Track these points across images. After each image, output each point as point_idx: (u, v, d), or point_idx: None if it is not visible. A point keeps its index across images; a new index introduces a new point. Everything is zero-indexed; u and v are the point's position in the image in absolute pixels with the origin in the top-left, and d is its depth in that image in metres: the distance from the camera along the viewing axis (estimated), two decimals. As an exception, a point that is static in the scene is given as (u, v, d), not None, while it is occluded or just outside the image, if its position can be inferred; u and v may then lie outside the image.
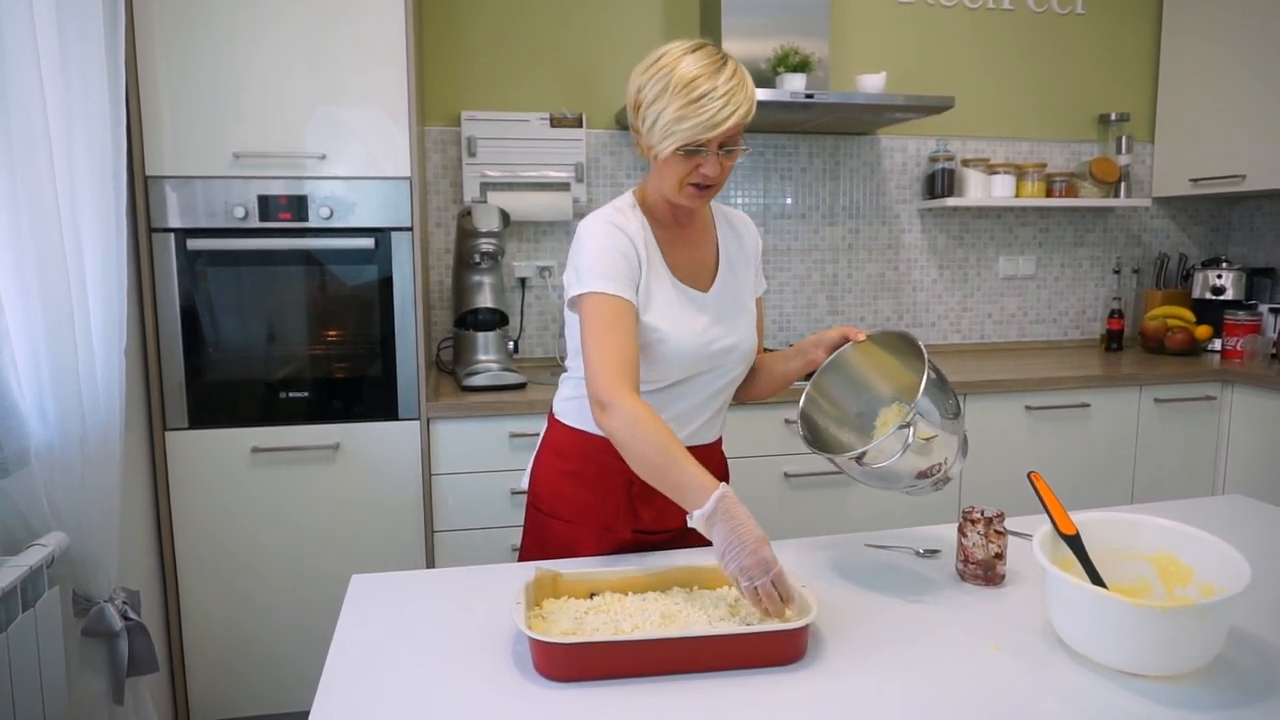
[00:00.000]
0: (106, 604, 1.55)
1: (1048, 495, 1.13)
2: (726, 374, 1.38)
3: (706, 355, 1.34)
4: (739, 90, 1.21)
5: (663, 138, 1.22)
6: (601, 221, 1.30)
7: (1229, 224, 3.45)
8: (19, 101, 1.33)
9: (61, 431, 1.45)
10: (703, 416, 1.39)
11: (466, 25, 2.73)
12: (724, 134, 1.21)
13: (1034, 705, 0.90)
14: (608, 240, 1.27)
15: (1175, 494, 2.73)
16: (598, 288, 1.24)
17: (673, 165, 1.25)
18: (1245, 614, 1.08)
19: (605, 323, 1.23)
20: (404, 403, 2.22)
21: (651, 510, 1.37)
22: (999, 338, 3.30)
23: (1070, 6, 3.17)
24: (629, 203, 1.35)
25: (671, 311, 1.31)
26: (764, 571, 1.00)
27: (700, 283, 1.37)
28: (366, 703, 0.91)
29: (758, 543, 1.03)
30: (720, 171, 1.25)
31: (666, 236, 1.36)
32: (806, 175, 3.03)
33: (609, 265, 1.25)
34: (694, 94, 1.19)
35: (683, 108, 1.19)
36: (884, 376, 1.30)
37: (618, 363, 1.20)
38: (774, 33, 2.65)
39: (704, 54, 1.23)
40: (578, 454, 1.38)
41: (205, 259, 2.09)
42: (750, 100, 1.23)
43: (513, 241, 2.80)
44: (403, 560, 2.25)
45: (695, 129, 1.20)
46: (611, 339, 1.22)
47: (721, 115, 1.19)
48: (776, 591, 1.01)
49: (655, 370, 1.32)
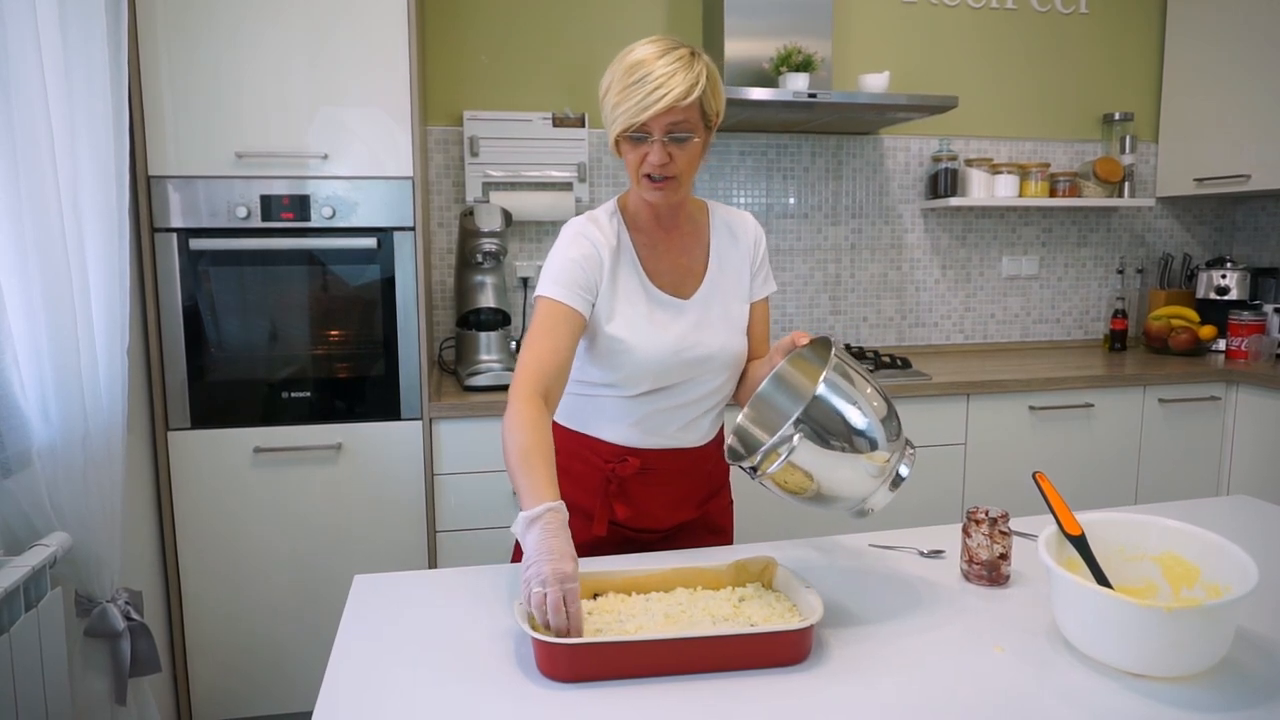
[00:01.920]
0: (109, 604, 1.55)
1: (1053, 496, 1.13)
2: (707, 383, 1.37)
3: (679, 364, 1.33)
4: (679, 73, 1.19)
5: (609, 125, 1.24)
6: (572, 229, 1.32)
7: (1233, 224, 3.45)
8: (22, 102, 1.33)
9: (64, 431, 1.45)
10: (680, 421, 1.38)
11: (469, 25, 2.73)
12: (658, 116, 1.19)
13: (1038, 706, 0.90)
14: (570, 248, 1.29)
15: (1179, 494, 2.72)
16: (547, 292, 1.27)
17: (625, 155, 1.26)
18: (1251, 615, 1.07)
19: (541, 327, 1.25)
20: (406, 403, 2.21)
21: (630, 509, 1.39)
22: (1002, 338, 3.29)
23: (1074, 6, 3.17)
24: (609, 209, 1.36)
25: (638, 321, 1.31)
26: (559, 581, 0.96)
27: (683, 290, 1.36)
28: (370, 703, 0.91)
29: (565, 558, 0.99)
30: (667, 159, 1.23)
31: (647, 242, 1.35)
32: (809, 175, 3.03)
33: (563, 272, 1.27)
34: (632, 77, 1.19)
35: (621, 91, 1.20)
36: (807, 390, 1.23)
37: (534, 367, 1.21)
38: (777, 33, 2.64)
39: (658, 43, 1.22)
40: (563, 450, 1.38)
41: (208, 259, 2.09)
42: (692, 82, 1.19)
43: (515, 241, 2.80)
44: (405, 560, 2.25)
45: (630, 111, 1.20)
46: (539, 344, 1.24)
47: (653, 98, 1.18)
48: (565, 609, 0.96)
49: (621, 378, 1.33)
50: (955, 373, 2.65)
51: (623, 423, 1.36)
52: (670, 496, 1.42)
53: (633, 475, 1.37)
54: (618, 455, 1.37)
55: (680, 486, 1.43)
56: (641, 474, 1.37)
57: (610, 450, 1.37)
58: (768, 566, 1.14)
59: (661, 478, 1.39)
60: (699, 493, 1.46)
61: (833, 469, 1.07)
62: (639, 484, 1.38)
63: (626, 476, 1.37)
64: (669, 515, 1.43)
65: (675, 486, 1.42)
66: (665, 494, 1.41)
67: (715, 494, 1.50)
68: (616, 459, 1.36)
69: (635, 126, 1.21)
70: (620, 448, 1.37)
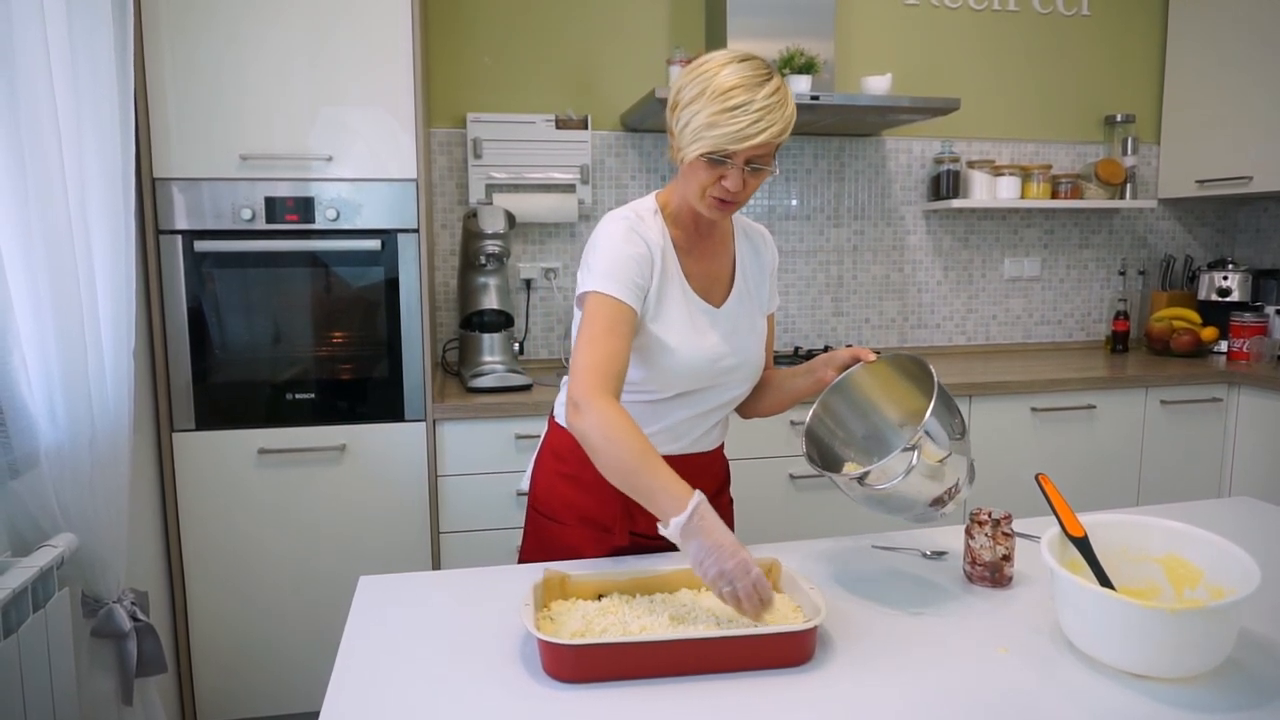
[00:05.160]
0: (115, 605, 1.56)
1: (1056, 497, 1.13)
2: (729, 391, 1.38)
3: (711, 373, 1.33)
4: (777, 109, 1.18)
5: (691, 141, 1.20)
6: (622, 224, 1.28)
7: (1235, 225, 3.45)
8: (30, 105, 1.33)
9: (71, 433, 1.45)
10: (701, 428, 1.39)
11: (472, 27, 2.73)
12: (751, 149, 1.18)
13: (1042, 707, 0.90)
14: (624, 245, 1.26)
15: (1181, 496, 2.72)
16: (604, 289, 1.22)
17: (697, 172, 1.23)
18: (1254, 616, 1.08)
19: (601, 325, 1.21)
20: (410, 404, 2.22)
21: (649, 515, 1.37)
22: (1004, 339, 3.29)
23: (1075, 8, 3.17)
24: (650, 207, 1.33)
25: (682, 326, 1.30)
26: (745, 574, 1.00)
27: (714, 297, 1.36)
28: (376, 703, 0.92)
29: (736, 546, 1.02)
30: (743, 187, 1.23)
31: (686, 244, 1.34)
32: (811, 177, 3.04)
33: (620, 269, 1.24)
34: (729, 103, 1.16)
35: (715, 114, 1.17)
36: (892, 400, 1.28)
37: (604, 367, 1.18)
38: (779, 34, 2.65)
39: (749, 65, 1.19)
40: (575, 457, 1.38)
41: (212, 261, 2.10)
42: (787, 121, 1.19)
43: (518, 243, 2.81)
44: (409, 561, 2.25)
45: (723, 138, 1.17)
46: (604, 343, 1.20)
47: (752, 130, 1.16)
48: (758, 594, 1.00)
49: (657, 381, 1.32)
50: (957, 374, 2.65)
51: (646, 428, 1.35)
52: None
53: None
54: None
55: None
56: None
57: None
58: (772, 568, 1.15)
59: None
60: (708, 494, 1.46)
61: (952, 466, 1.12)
62: None
63: None
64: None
65: None
66: None
67: (719, 494, 1.51)
68: None
69: (724, 152, 1.19)
70: None
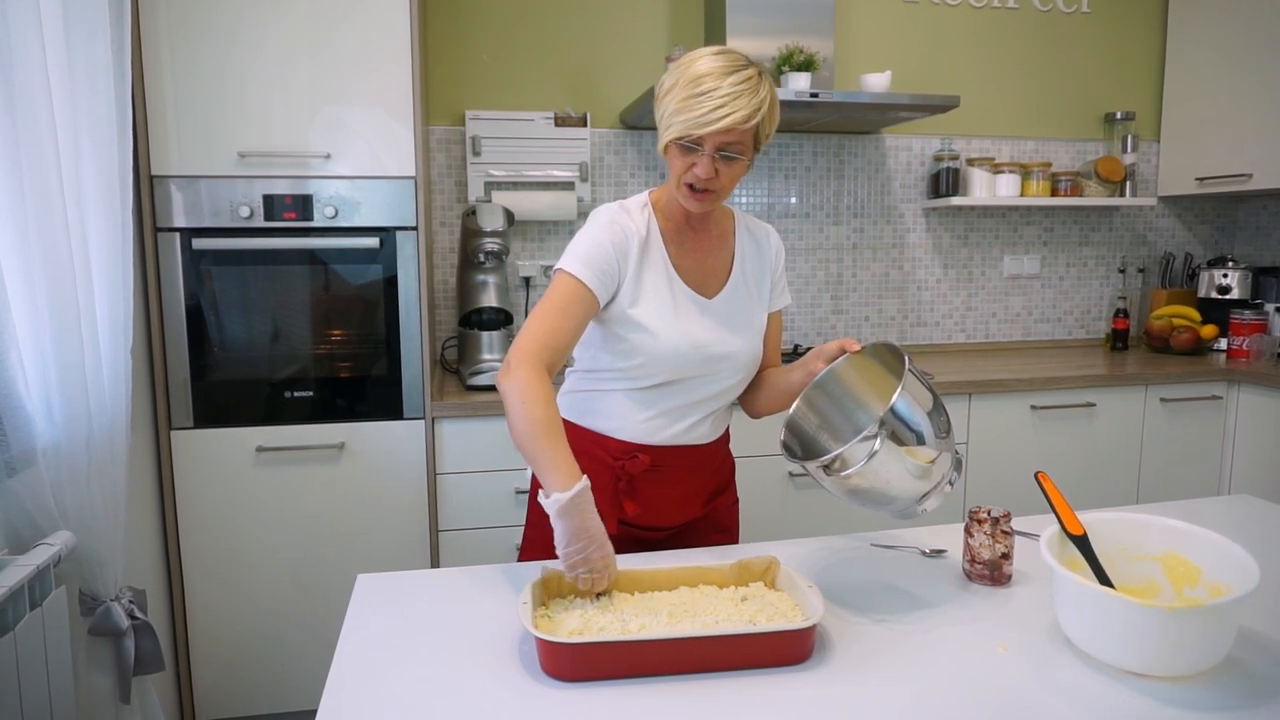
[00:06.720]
0: (113, 603, 1.56)
1: (1055, 496, 1.13)
2: (720, 382, 1.38)
3: (698, 359, 1.34)
4: (745, 95, 1.20)
5: (664, 129, 1.26)
6: (606, 215, 1.33)
7: (1235, 223, 3.44)
8: (27, 102, 1.33)
9: (68, 431, 1.45)
10: (692, 418, 1.39)
11: (471, 24, 2.73)
12: (715, 134, 1.21)
13: (1040, 706, 0.90)
14: (601, 233, 1.30)
15: (1181, 494, 2.72)
16: (571, 269, 1.27)
17: (673, 160, 1.28)
18: (1253, 614, 1.08)
19: (556, 301, 1.25)
20: (409, 402, 2.22)
21: (637, 505, 1.39)
22: (1004, 337, 3.29)
23: (1075, 5, 3.16)
24: (641, 201, 1.37)
25: (663, 310, 1.32)
26: (604, 568, 1.09)
27: (708, 289, 1.37)
28: (373, 702, 0.92)
29: (605, 539, 1.10)
30: (713, 175, 1.25)
31: (676, 239, 1.36)
32: (811, 174, 3.03)
33: (591, 254, 1.28)
34: (696, 89, 1.21)
35: (682, 100, 1.22)
36: (875, 390, 1.28)
37: (546, 340, 1.22)
38: (779, 32, 2.64)
39: (725, 57, 1.23)
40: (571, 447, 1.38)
41: (210, 258, 2.09)
42: (754, 108, 1.21)
43: (517, 241, 2.81)
44: (407, 560, 2.25)
45: (688, 123, 1.21)
46: (553, 318, 1.24)
47: (715, 115, 1.19)
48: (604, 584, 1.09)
49: (638, 365, 1.33)
50: (957, 372, 2.65)
51: (633, 418, 1.36)
52: (678, 494, 1.42)
53: (642, 473, 1.37)
54: (627, 452, 1.37)
55: (689, 484, 1.43)
56: (651, 471, 1.37)
57: (620, 447, 1.37)
58: (770, 566, 1.15)
59: (670, 475, 1.40)
60: (706, 490, 1.47)
61: (900, 470, 1.10)
62: (648, 481, 1.38)
63: (636, 474, 1.37)
64: (677, 513, 1.44)
65: (684, 484, 1.42)
66: (674, 491, 1.41)
67: (721, 491, 1.51)
68: (626, 455, 1.37)
69: (689, 138, 1.23)
70: (630, 444, 1.37)
